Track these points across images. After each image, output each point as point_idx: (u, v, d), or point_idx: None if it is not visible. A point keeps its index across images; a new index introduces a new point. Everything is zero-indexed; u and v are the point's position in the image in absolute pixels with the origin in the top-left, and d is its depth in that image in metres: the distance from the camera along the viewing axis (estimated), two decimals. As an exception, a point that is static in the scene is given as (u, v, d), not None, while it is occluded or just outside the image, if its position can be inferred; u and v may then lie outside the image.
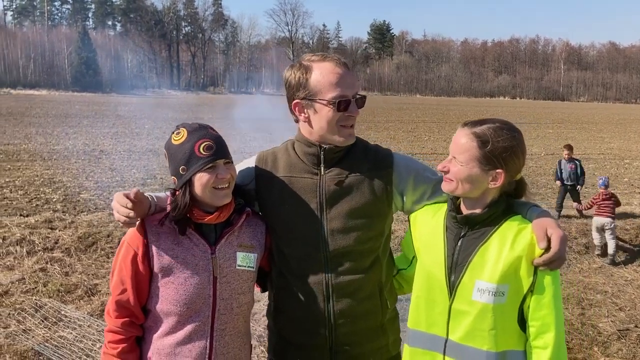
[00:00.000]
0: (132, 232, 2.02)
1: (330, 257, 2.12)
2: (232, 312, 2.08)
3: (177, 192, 2.00)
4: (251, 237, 2.16)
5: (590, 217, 8.75)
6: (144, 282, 2.02)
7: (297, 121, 2.21)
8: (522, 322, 1.93)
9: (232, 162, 2.05)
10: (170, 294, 1.99)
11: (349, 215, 2.12)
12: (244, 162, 2.34)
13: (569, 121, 39.64)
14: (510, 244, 1.89)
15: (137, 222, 1.98)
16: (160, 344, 2.04)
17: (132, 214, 1.92)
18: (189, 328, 2.02)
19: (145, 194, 2.05)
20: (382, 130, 27.27)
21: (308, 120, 2.14)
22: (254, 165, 2.27)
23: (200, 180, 1.95)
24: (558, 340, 1.86)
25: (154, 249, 1.99)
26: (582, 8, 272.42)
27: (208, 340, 2.04)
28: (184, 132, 1.99)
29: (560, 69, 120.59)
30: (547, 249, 1.84)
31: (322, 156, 2.14)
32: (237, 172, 2.12)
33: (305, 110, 2.13)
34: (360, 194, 2.13)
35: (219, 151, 1.97)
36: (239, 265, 2.08)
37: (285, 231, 2.17)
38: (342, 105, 2.06)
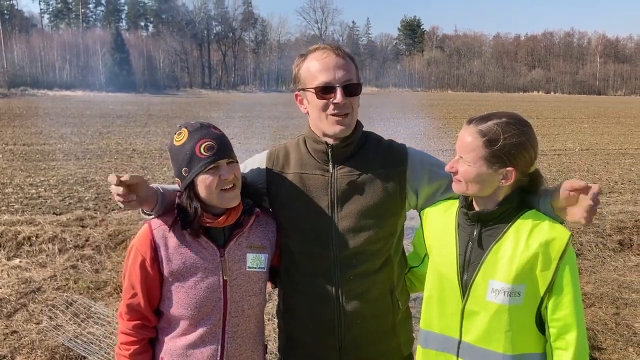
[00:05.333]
0: (140, 237, 1.99)
1: (340, 257, 2.06)
2: (243, 314, 2.04)
3: (182, 196, 1.95)
4: (261, 237, 2.10)
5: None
6: (155, 286, 1.99)
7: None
8: (540, 324, 1.86)
9: (237, 162, 1.98)
10: (180, 298, 1.97)
11: (361, 214, 2.05)
12: (254, 158, 2.28)
13: (605, 115, 38.59)
14: (525, 241, 1.81)
15: (134, 204, 1.91)
16: (172, 345, 2.02)
17: (121, 191, 1.86)
18: (200, 331, 1.99)
19: (154, 186, 2.00)
20: (413, 127, 27.02)
21: (308, 112, 2.09)
22: (264, 162, 2.21)
23: (204, 182, 1.89)
24: (580, 339, 1.79)
25: (162, 253, 1.96)
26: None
27: (219, 343, 2.01)
28: (185, 133, 1.92)
29: (597, 62, 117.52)
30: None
31: (330, 153, 2.07)
32: (242, 171, 2.06)
33: (303, 101, 2.10)
34: (373, 193, 2.06)
35: (221, 151, 1.90)
36: (249, 267, 2.03)
37: (295, 229, 2.11)
38: (325, 91, 1.98)
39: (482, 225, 1.90)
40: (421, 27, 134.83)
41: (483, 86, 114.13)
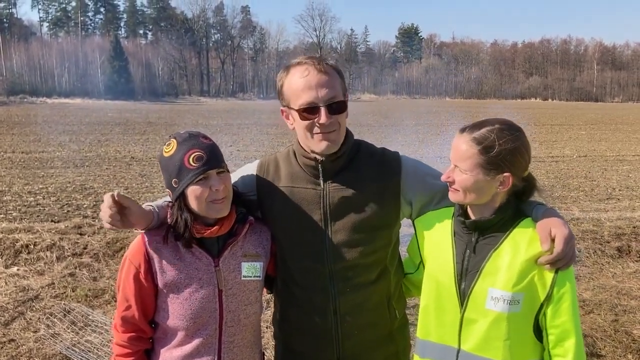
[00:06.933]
0: (133, 248, 1.97)
1: (335, 270, 2.04)
2: (239, 323, 2.02)
3: (173, 207, 1.93)
4: (256, 245, 2.08)
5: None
6: (149, 297, 1.98)
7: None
8: (538, 331, 1.85)
9: (227, 172, 1.95)
10: (175, 309, 1.95)
11: (354, 228, 2.02)
12: (245, 168, 2.25)
13: (602, 122, 38.67)
14: (524, 250, 1.81)
15: (118, 224, 1.86)
16: (168, 356, 2.01)
17: (114, 210, 1.82)
18: (196, 342, 1.97)
19: (148, 204, 1.99)
20: (411, 134, 27.01)
21: (295, 127, 2.04)
22: (255, 173, 2.18)
23: (194, 193, 1.86)
24: (578, 346, 1.80)
25: (156, 265, 1.94)
26: (615, 7, 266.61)
27: (216, 354, 2.00)
28: (173, 143, 1.89)
29: (594, 69, 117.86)
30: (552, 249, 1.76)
31: (320, 168, 2.03)
32: (234, 180, 2.04)
33: (289, 116, 2.04)
34: (366, 206, 2.03)
35: (211, 161, 1.86)
36: (245, 276, 2.01)
37: (289, 243, 2.09)
38: (308, 112, 1.92)
39: (480, 234, 1.90)
40: (419, 35, 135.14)
41: (481, 93, 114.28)
